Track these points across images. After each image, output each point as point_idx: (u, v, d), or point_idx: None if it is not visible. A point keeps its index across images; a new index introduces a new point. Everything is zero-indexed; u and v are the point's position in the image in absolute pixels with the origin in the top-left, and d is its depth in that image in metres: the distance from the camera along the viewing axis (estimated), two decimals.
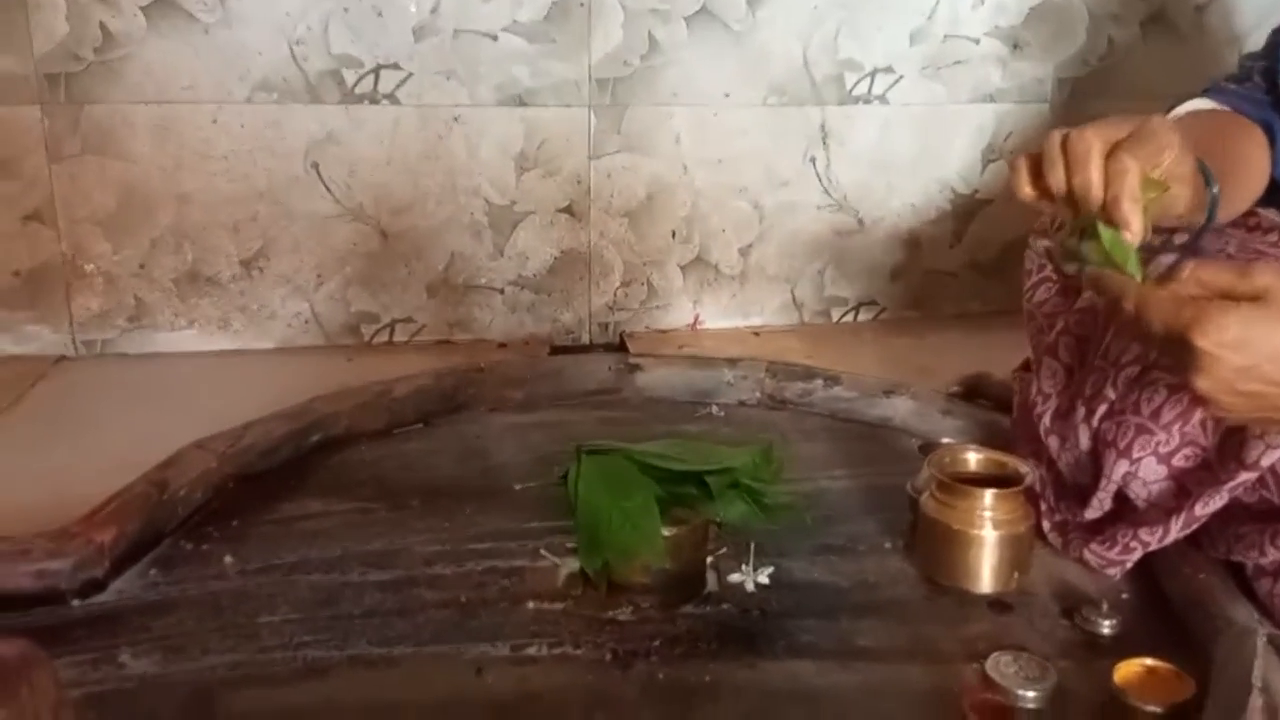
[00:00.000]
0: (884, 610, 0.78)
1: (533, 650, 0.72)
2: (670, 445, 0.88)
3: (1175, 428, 0.76)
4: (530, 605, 0.77)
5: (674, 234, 1.47)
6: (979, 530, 0.78)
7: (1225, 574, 0.75)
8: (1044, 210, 0.70)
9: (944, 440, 1.01)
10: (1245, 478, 0.72)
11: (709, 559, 0.80)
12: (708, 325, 1.52)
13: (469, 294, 1.44)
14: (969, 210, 1.54)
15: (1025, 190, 0.69)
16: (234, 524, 0.87)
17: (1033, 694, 0.67)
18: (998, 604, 0.78)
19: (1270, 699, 0.60)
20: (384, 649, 0.72)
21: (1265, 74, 0.90)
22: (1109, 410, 0.79)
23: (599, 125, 1.41)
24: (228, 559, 0.82)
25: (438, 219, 1.40)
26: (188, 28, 1.28)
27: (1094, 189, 0.65)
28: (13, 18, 1.25)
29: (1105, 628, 0.74)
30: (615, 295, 1.48)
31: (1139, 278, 0.64)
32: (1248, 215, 0.82)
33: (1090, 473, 0.82)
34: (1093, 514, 0.81)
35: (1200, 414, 0.75)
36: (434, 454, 1.01)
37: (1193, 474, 0.76)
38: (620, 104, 1.40)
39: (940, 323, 1.55)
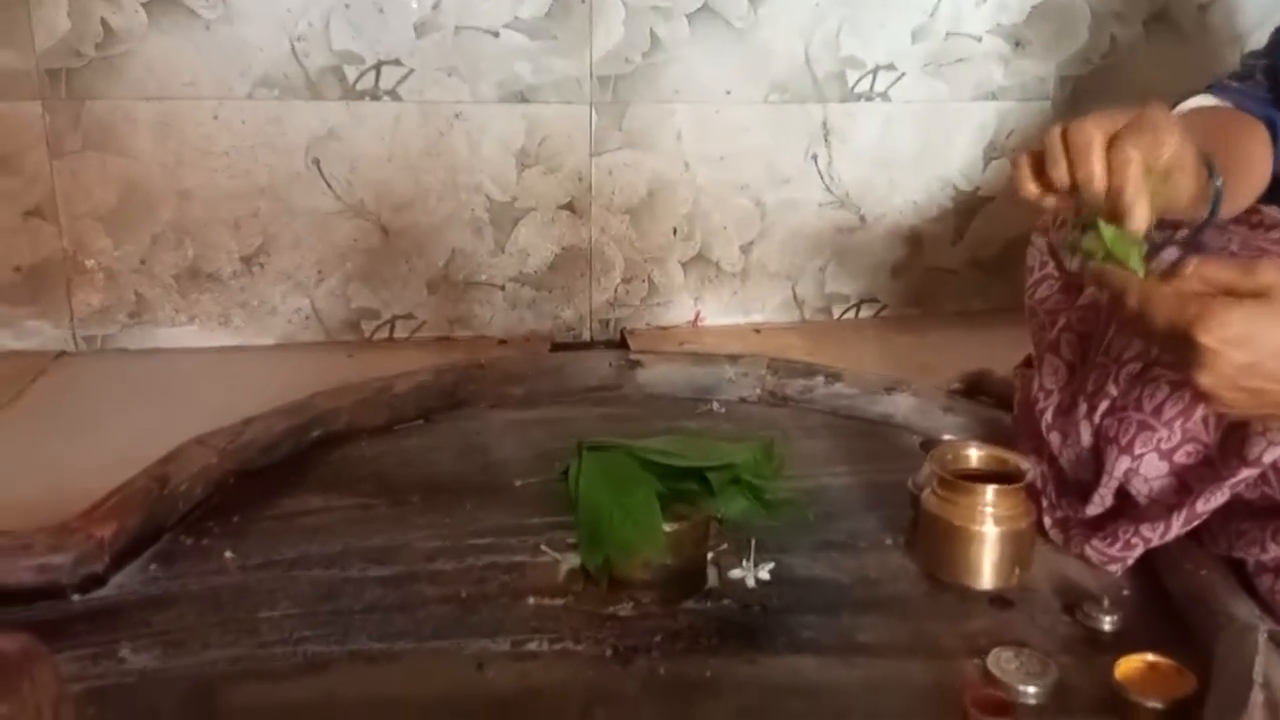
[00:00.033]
0: (885, 606, 0.78)
1: (533, 646, 0.72)
2: (671, 441, 0.88)
3: (1177, 424, 0.76)
4: (531, 601, 0.77)
5: (675, 231, 1.47)
6: (980, 526, 0.78)
7: (1226, 570, 0.75)
8: (1047, 207, 0.70)
9: (945, 437, 1.01)
10: (1247, 474, 0.72)
11: (710, 555, 0.80)
12: (709, 322, 1.52)
13: (470, 290, 1.44)
14: (971, 208, 1.54)
15: (1029, 187, 0.69)
16: (234, 519, 0.87)
17: (1034, 689, 0.67)
18: (999, 600, 0.78)
19: (1271, 695, 0.60)
20: (385, 644, 0.72)
21: (1267, 72, 0.89)
22: (1111, 407, 0.79)
23: (600, 122, 1.40)
24: (228, 554, 0.82)
25: (439, 215, 1.40)
26: (189, 24, 1.28)
27: (1097, 180, 0.65)
28: (14, 14, 1.25)
29: (1106, 624, 0.74)
30: (616, 292, 1.48)
31: (1141, 273, 0.64)
32: (1250, 212, 0.82)
33: (1092, 469, 0.82)
34: (1094, 510, 0.81)
35: (1202, 410, 0.75)
36: (434, 450, 1.01)
37: (1194, 470, 0.76)
38: (622, 101, 1.40)
39: (942, 320, 1.54)
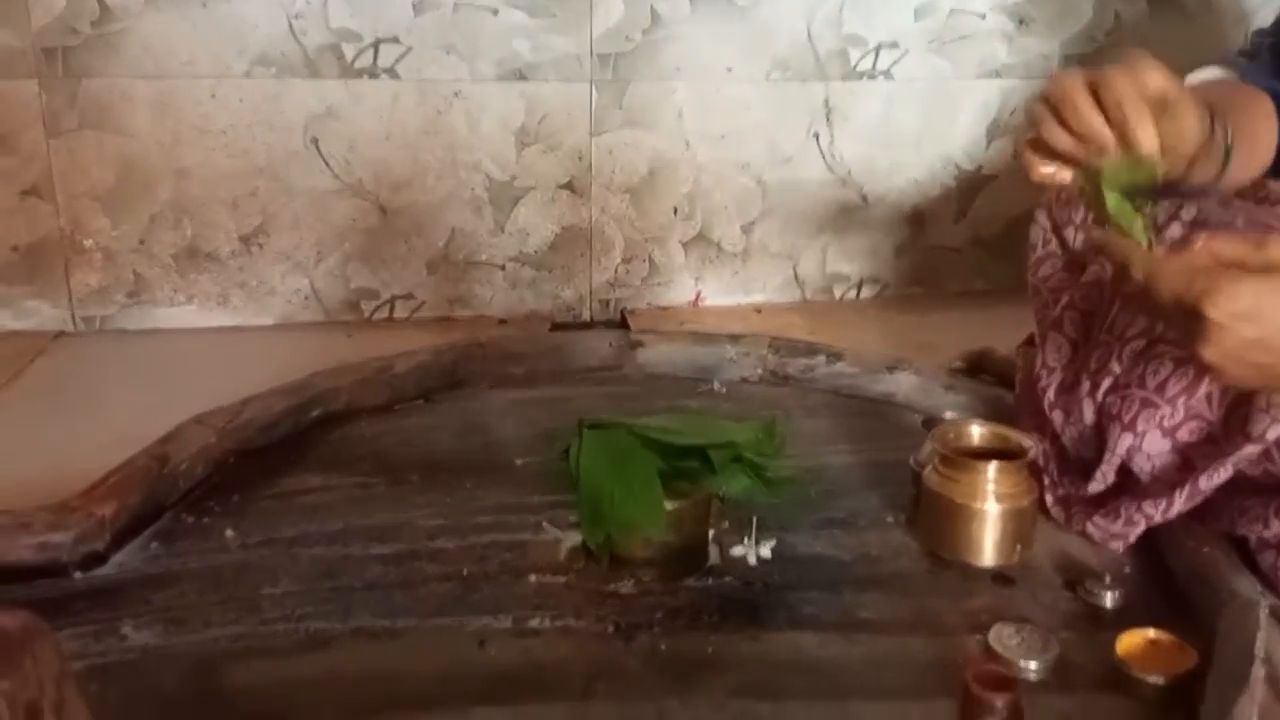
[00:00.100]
0: (886, 583, 0.78)
1: (535, 623, 0.72)
2: (673, 420, 0.88)
3: (1180, 401, 0.76)
4: (532, 578, 0.77)
5: (676, 210, 1.47)
6: (982, 504, 0.78)
7: (1228, 547, 0.75)
8: (1064, 181, 0.69)
9: (947, 415, 1.01)
10: (1250, 450, 0.72)
11: (711, 532, 0.80)
12: (709, 302, 1.51)
13: (469, 270, 1.44)
14: (973, 186, 1.53)
15: (1040, 170, 0.68)
16: (234, 498, 0.87)
17: (1035, 665, 0.67)
18: (1000, 577, 0.78)
19: (1273, 670, 0.60)
20: (387, 621, 0.72)
21: (1274, 50, 0.89)
22: (1114, 384, 0.79)
23: (600, 100, 1.40)
24: (229, 532, 0.82)
25: (438, 195, 1.40)
26: (185, 1, 1.27)
27: (1092, 118, 0.64)
28: None
29: (1108, 600, 0.74)
30: (616, 272, 1.48)
31: (1144, 242, 0.63)
32: (1256, 187, 0.81)
33: (1094, 446, 0.81)
34: (1096, 487, 0.81)
35: (1205, 387, 0.75)
36: (435, 429, 1.01)
37: (1197, 447, 0.76)
38: (622, 79, 1.39)
39: (943, 300, 1.54)
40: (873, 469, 0.93)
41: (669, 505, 0.77)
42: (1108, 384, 0.80)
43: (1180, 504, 0.76)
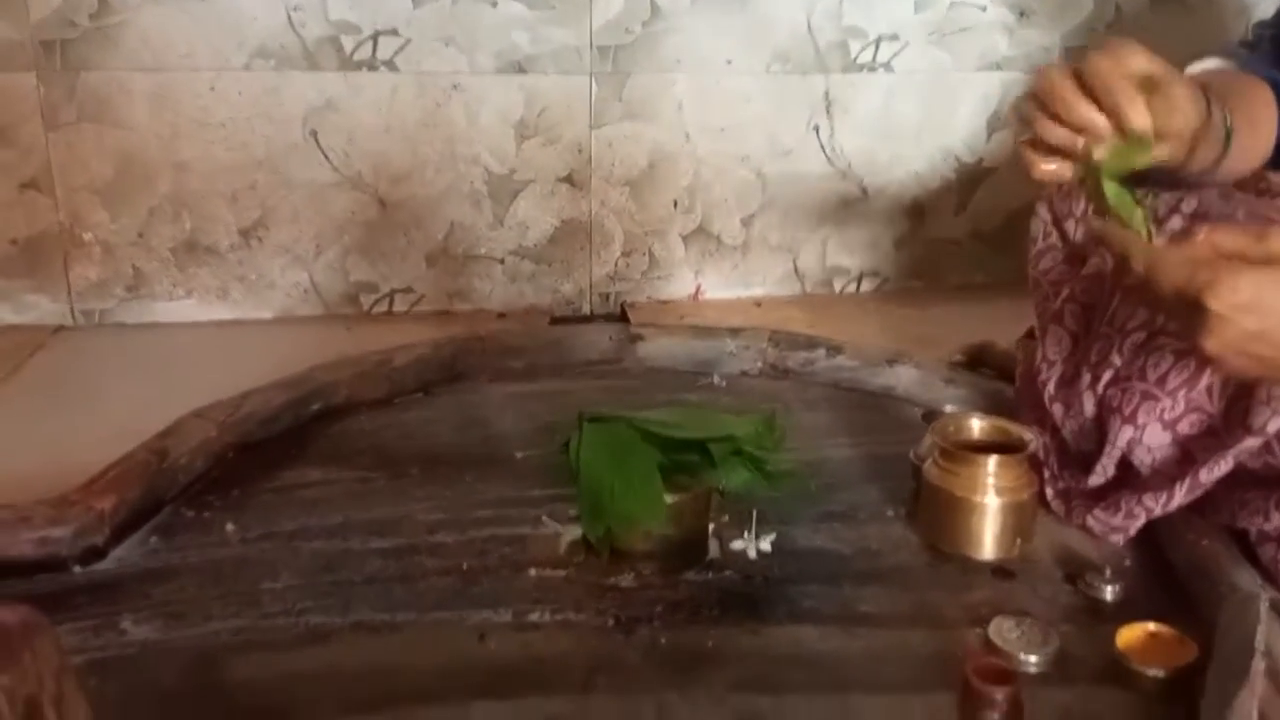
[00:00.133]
0: (886, 577, 0.77)
1: (535, 616, 0.72)
2: (673, 413, 0.88)
3: (1181, 394, 0.76)
4: (532, 572, 0.77)
5: (676, 203, 1.46)
6: (982, 497, 0.78)
7: (1229, 540, 0.75)
8: (1067, 176, 0.69)
9: (947, 409, 1.01)
10: (1251, 443, 0.72)
11: (711, 526, 0.80)
12: (709, 296, 1.51)
13: (469, 264, 1.44)
14: (974, 179, 1.53)
15: (1041, 168, 0.68)
16: (234, 492, 0.87)
17: (1035, 658, 0.67)
18: (1000, 570, 0.78)
19: (1273, 663, 0.60)
20: (386, 615, 0.72)
21: (1275, 41, 0.88)
22: (1114, 377, 0.79)
23: (600, 93, 1.39)
24: (229, 526, 0.82)
25: (437, 188, 1.39)
26: None
27: (1082, 106, 0.64)
28: None
29: (1108, 593, 0.74)
30: (616, 265, 1.48)
31: (1144, 233, 0.63)
32: (1257, 179, 0.81)
33: (1095, 439, 0.81)
34: (1096, 481, 0.81)
35: (1206, 380, 0.75)
36: (434, 423, 1.00)
37: (1198, 440, 0.76)
38: (622, 71, 1.39)
39: (944, 294, 1.54)
40: (873, 462, 0.93)
41: (669, 499, 0.77)
42: (1108, 377, 0.80)
43: (1181, 497, 0.76)
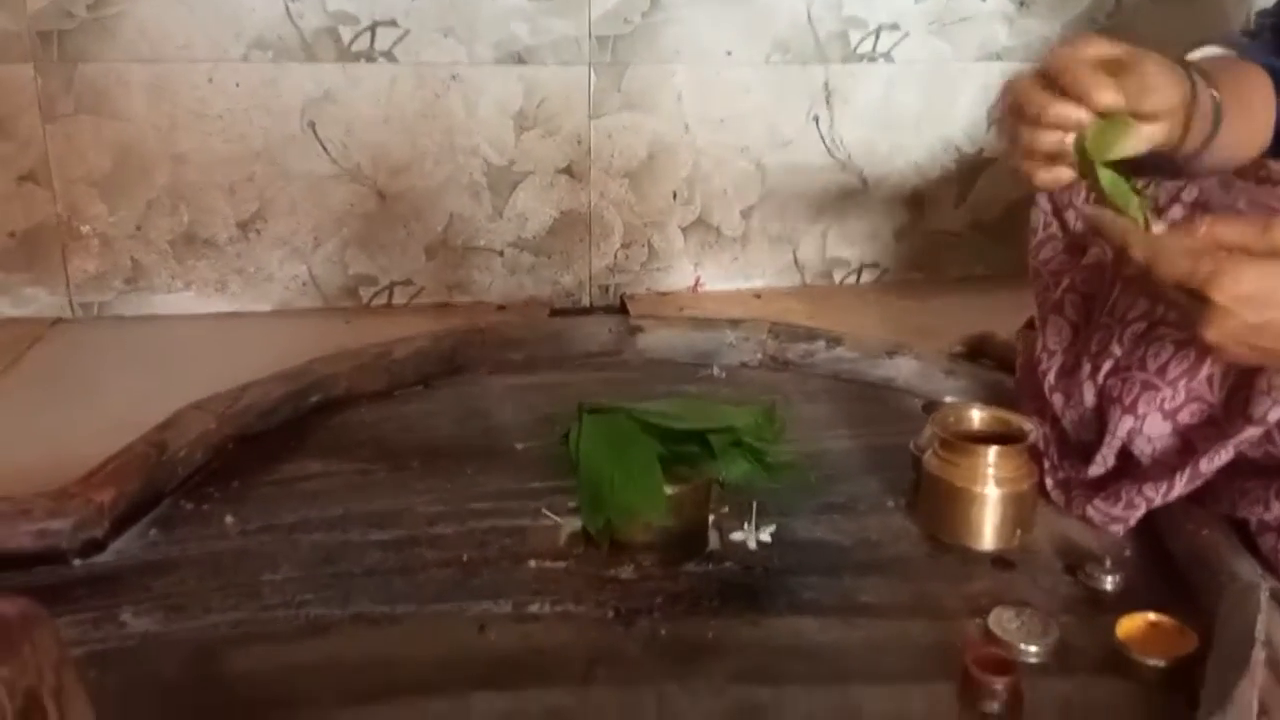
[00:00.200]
0: (886, 568, 0.77)
1: (535, 608, 0.72)
2: (672, 404, 0.87)
3: (1181, 384, 0.76)
4: (532, 564, 0.77)
5: (675, 195, 1.46)
6: (982, 488, 0.78)
7: (1229, 530, 0.75)
8: (1067, 180, 0.68)
9: (947, 399, 1.01)
10: (1251, 432, 0.72)
11: (711, 517, 0.80)
12: (709, 287, 1.51)
13: (468, 256, 1.43)
14: (974, 169, 1.53)
15: (1040, 176, 0.68)
16: (234, 484, 0.87)
17: (1035, 649, 0.67)
18: (1000, 561, 0.78)
19: (1273, 653, 0.61)
20: (386, 607, 0.72)
21: (1275, 29, 0.88)
22: (1115, 367, 0.79)
23: (599, 84, 1.39)
24: (228, 519, 0.82)
25: (436, 179, 1.39)
26: None
27: (1054, 104, 0.64)
28: None
29: (1108, 583, 0.74)
30: (616, 257, 1.47)
31: (1140, 221, 0.63)
32: (1257, 167, 0.80)
33: (1095, 430, 0.81)
34: (1096, 471, 0.81)
35: (1206, 370, 0.75)
36: (434, 415, 1.00)
37: (1198, 430, 0.76)
38: (621, 62, 1.38)
39: (944, 285, 1.54)
40: (872, 453, 0.93)
41: (669, 490, 0.77)
42: (1108, 367, 0.79)
43: (1181, 487, 0.76)
